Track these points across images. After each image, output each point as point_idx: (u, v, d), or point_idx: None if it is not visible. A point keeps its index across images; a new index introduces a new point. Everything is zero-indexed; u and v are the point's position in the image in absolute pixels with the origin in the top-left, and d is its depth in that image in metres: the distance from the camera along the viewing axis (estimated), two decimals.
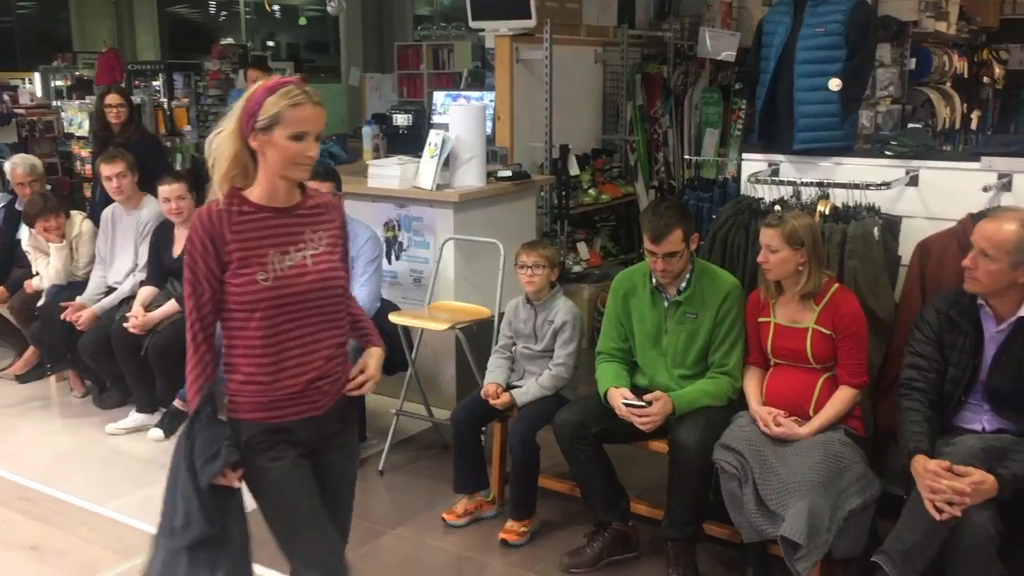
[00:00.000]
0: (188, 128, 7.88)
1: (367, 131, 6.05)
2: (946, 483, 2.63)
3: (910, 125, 4.93)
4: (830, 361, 3.21)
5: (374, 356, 2.48)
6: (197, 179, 6.13)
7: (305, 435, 2.31)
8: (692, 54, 6.85)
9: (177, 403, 4.59)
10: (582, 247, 6.19)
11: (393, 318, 4.18)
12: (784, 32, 3.89)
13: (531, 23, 5.51)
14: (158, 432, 4.60)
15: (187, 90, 8.52)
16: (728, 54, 6.51)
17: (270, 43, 13.58)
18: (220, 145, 2.23)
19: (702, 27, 6.63)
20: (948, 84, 7.04)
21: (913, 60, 6.33)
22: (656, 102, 6.83)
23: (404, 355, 4.31)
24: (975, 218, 3.30)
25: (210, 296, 2.23)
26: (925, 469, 2.70)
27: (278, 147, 2.19)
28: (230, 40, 10.72)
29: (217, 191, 2.26)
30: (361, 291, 4.27)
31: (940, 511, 2.63)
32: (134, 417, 4.76)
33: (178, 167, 7.24)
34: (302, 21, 11.98)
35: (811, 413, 3.17)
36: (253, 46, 11.48)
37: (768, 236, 3.18)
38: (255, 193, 2.26)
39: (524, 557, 3.49)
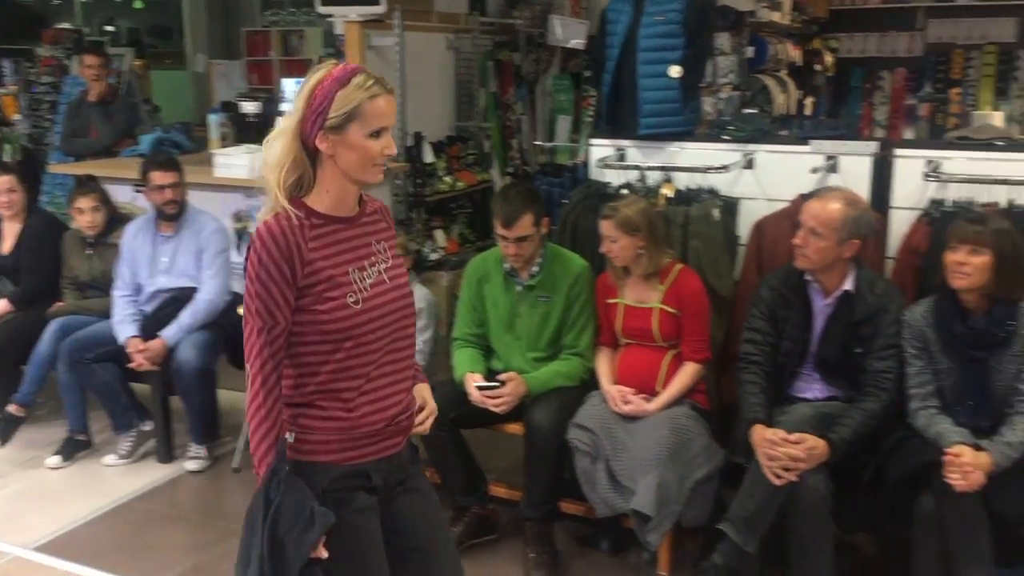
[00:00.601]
0: (18, 117, 7.42)
1: (213, 119, 5.85)
2: (782, 450, 2.78)
3: (745, 111, 5.16)
4: (675, 339, 3.33)
5: (428, 389, 2.22)
6: (30, 171, 5.80)
7: (380, 479, 2.02)
8: (543, 41, 6.93)
9: (13, 408, 4.33)
10: (439, 235, 6.19)
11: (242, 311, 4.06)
12: (626, 20, 3.98)
13: (380, 9, 5.43)
14: (56, 460, 4.19)
15: (17, 77, 8.01)
16: (578, 42, 6.61)
17: (108, 28, 12.91)
18: (277, 149, 1.91)
19: (552, 15, 6.71)
20: (784, 72, 7.37)
21: (751, 49, 6.60)
22: (509, 89, 6.88)
23: None
24: (805, 198, 3.48)
25: (284, 328, 1.90)
26: (763, 438, 2.85)
27: (355, 147, 1.89)
28: (66, 25, 10.15)
29: (279, 202, 1.90)
30: (210, 284, 4.15)
31: (778, 477, 2.78)
32: None
33: (7, 158, 6.81)
34: (137, 3, 11.44)
35: (658, 389, 3.29)
36: (90, 31, 10.89)
37: (605, 227, 3.27)
38: (318, 203, 1.95)
39: None
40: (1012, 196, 3.24)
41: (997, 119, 5.45)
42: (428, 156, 5.86)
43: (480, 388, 3.31)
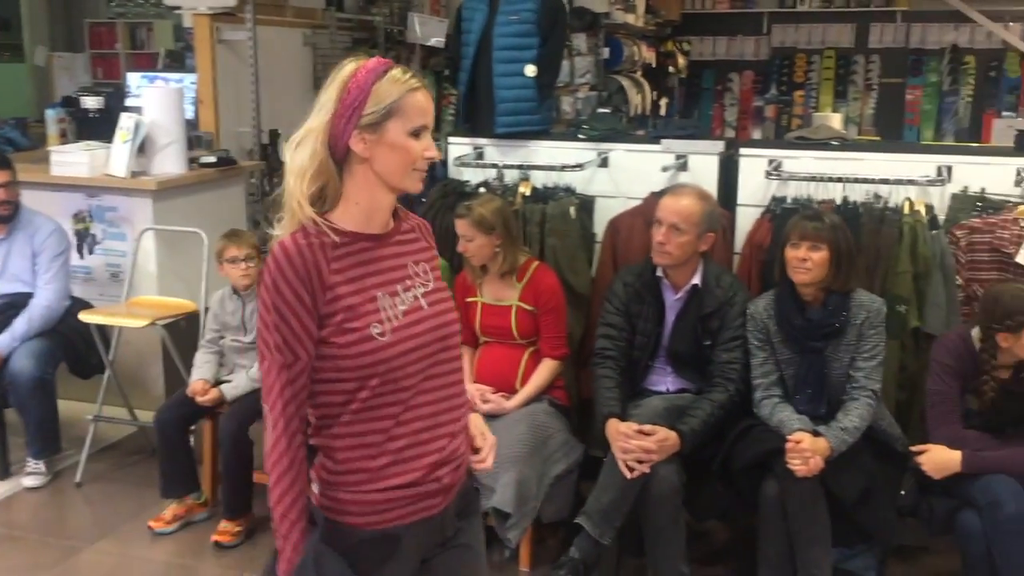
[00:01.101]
0: None
1: (51, 115, 5.52)
2: (635, 443, 2.84)
3: (599, 110, 5.26)
4: (533, 336, 3.35)
5: (481, 419, 1.95)
6: None
7: (415, 543, 1.72)
8: (402, 39, 6.87)
9: None
10: None
11: (84, 316, 3.86)
12: (481, 19, 3.99)
13: (231, 2, 5.26)
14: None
15: None
16: (437, 40, 6.60)
17: None
18: (303, 153, 1.66)
19: (411, 12, 6.67)
20: (639, 73, 7.58)
21: (607, 50, 6.75)
22: None
23: (100, 357, 4.00)
24: (656, 196, 3.58)
25: (306, 363, 1.63)
26: (617, 431, 2.90)
27: (395, 147, 1.64)
28: None
29: (302, 214, 1.65)
30: (46, 289, 3.93)
31: (631, 469, 2.84)
32: None
33: None
34: None
35: (518, 387, 3.30)
36: None
37: (461, 226, 3.26)
38: (344, 218, 1.68)
39: (239, 558, 3.37)
40: (847, 193, 3.41)
41: (835, 120, 5.76)
42: (284, 154, 5.70)
43: None
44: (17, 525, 3.65)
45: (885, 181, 3.38)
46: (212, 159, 4.85)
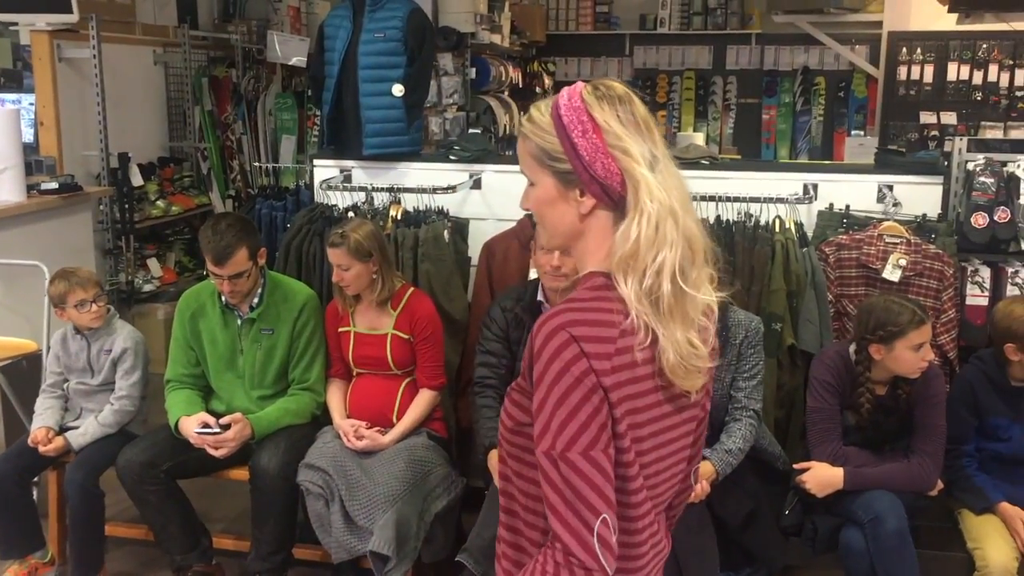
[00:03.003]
0: None
1: None
2: None
3: (470, 131, 5.17)
4: (410, 366, 3.21)
5: None
6: None
7: None
8: (262, 58, 6.63)
9: None
10: (153, 264, 5.70)
11: None
12: (345, 36, 3.84)
13: (73, 18, 4.92)
14: None
15: None
16: (299, 59, 6.38)
17: None
18: None
19: (270, 31, 6.44)
20: (506, 93, 7.54)
21: (473, 70, 6.68)
22: (227, 107, 6.50)
23: None
24: (532, 218, 3.50)
25: None
26: (497, 462, 2.78)
27: None
28: None
29: None
30: None
31: None
32: None
33: None
34: None
35: (395, 420, 3.15)
36: None
37: (336, 256, 3.09)
38: None
39: None
40: (720, 212, 3.42)
41: (698, 139, 5.87)
42: (136, 179, 5.37)
43: (200, 433, 3.02)
44: None
45: (756, 199, 3.41)
46: (54, 185, 4.50)
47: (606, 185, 1.36)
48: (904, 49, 6.77)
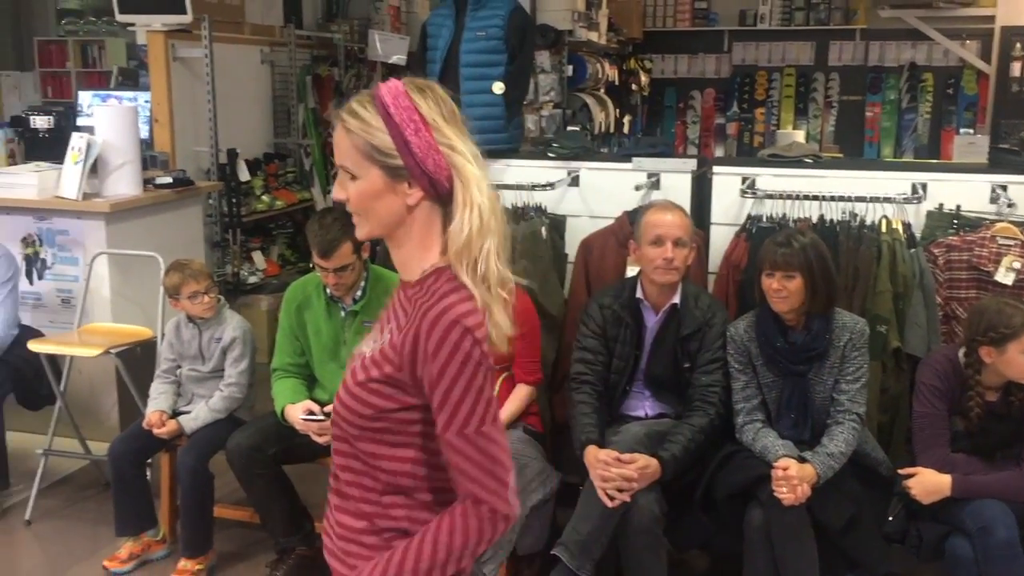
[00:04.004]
0: None
1: None
2: (615, 471, 2.74)
3: (569, 128, 5.19)
4: (508, 361, 3.24)
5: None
6: None
7: None
8: (363, 56, 6.77)
9: None
10: (258, 256, 5.89)
11: (34, 346, 3.68)
12: (447, 35, 3.90)
13: (187, 18, 5.12)
14: None
15: None
16: (399, 57, 6.50)
17: None
18: None
19: (371, 30, 6.57)
20: (602, 90, 7.53)
21: (570, 67, 6.69)
22: (329, 105, 6.66)
23: (51, 387, 3.82)
24: (630, 215, 3.50)
25: None
26: (596, 459, 2.80)
27: None
28: None
29: None
30: None
31: (612, 498, 2.74)
32: None
33: None
34: None
35: None
36: None
37: None
38: None
39: None
40: (823, 211, 3.36)
41: (799, 137, 5.75)
42: (243, 174, 5.56)
43: (306, 420, 3.12)
44: None
45: (861, 199, 3.33)
46: (168, 180, 4.70)
47: (435, 180, 1.46)
48: (1018, 44, 6.53)
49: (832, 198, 3.35)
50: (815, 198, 3.36)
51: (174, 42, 5.26)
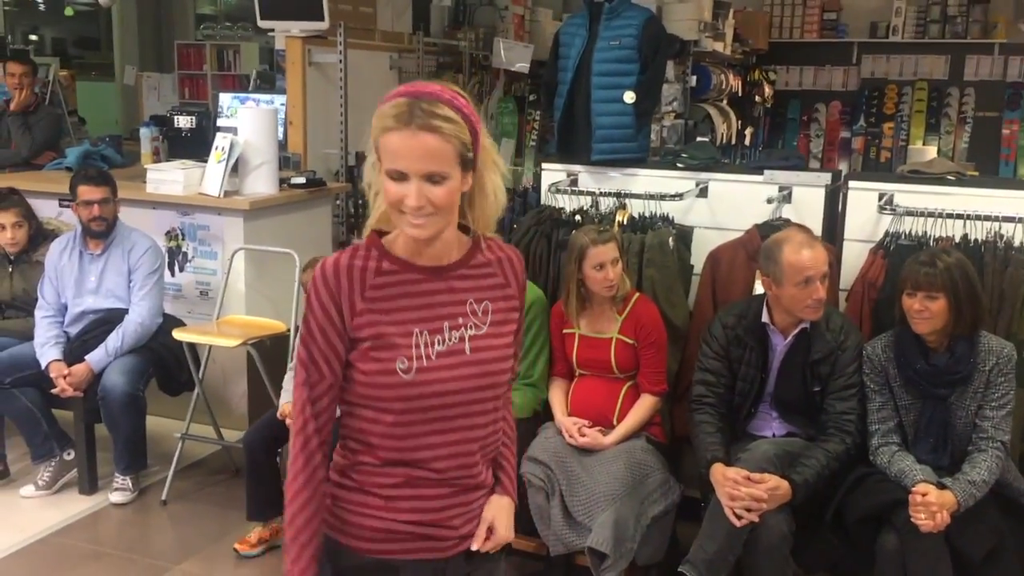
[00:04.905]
0: None
1: (145, 133, 5.61)
2: (745, 491, 2.70)
3: (699, 139, 5.14)
4: (632, 370, 3.24)
5: (504, 510, 1.75)
6: None
7: None
8: (487, 64, 6.87)
9: None
10: None
11: (178, 335, 3.87)
12: (580, 44, 3.92)
13: (324, 25, 5.31)
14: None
15: None
16: (522, 65, 6.58)
17: (33, 36, 12.49)
18: (368, 167, 1.61)
19: (496, 38, 6.67)
20: (725, 101, 7.44)
21: (694, 78, 6.64)
22: None
23: (191, 374, 4.00)
24: (761, 229, 3.45)
25: (331, 384, 1.62)
26: (724, 477, 2.76)
27: (383, 184, 1.56)
28: None
29: (365, 232, 1.67)
30: (140, 306, 3.95)
31: (739, 517, 2.70)
32: None
33: None
34: (68, 12, 11.07)
35: (615, 422, 3.19)
36: (12, 40, 10.49)
37: (606, 252, 3.12)
38: (396, 244, 1.63)
39: None
40: (967, 230, 3.24)
41: (931, 153, 5.56)
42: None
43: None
44: (103, 541, 3.64)
45: (1009, 219, 3.20)
46: (302, 180, 4.87)
47: None
48: None
49: (978, 217, 3.23)
50: (960, 216, 3.24)
51: (311, 47, 5.45)
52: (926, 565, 2.59)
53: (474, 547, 1.71)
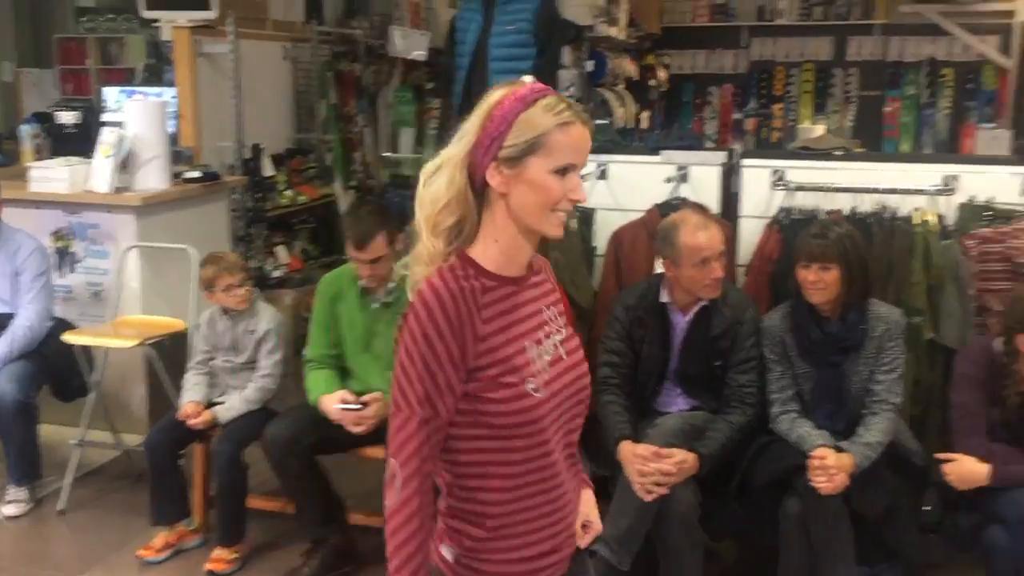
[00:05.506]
0: None
1: (26, 130, 5.36)
2: (653, 466, 2.75)
3: (597, 122, 5.18)
4: None
5: (592, 502, 1.75)
6: None
7: None
8: (384, 52, 6.79)
9: None
10: (281, 251, 5.91)
11: (69, 337, 3.72)
12: (476, 29, 3.93)
13: (212, 14, 5.15)
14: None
15: None
16: (419, 53, 6.52)
17: None
18: (439, 182, 1.52)
19: (391, 26, 6.59)
20: (621, 86, 7.52)
21: (591, 63, 6.69)
22: (350, 100, 6.69)
23: (83, 379, 3.85)
24: (661, 208, 3.51)
25: (444, 421, 1.50)
26: (633, 454, 2.80)
27: (533, 185, 1.49)
28: None
29: (434, 250, 1.52)
30: (28, 309, 3.78)
31: (649, 492, 2.75)
32: None
33: None
34: None
35: None
36: None
37: None
38: (483, 257, 1.54)
39: None
40: (855, 203, 3.36)
41: (819, 132, 5.75)
42: (268, 169, 5.59)
43: (343, 410, 3.14)
44: None
45: (894, 191, 3.33)
46: (196, 174, 4.73)
47: None
48: None
49: (865, 190, 3.35)
50: (848, 190, 3.36)
51: (199, 38, 5.29)
52: (827, 526, 2.69)
53: (582, 546, 1.68)
